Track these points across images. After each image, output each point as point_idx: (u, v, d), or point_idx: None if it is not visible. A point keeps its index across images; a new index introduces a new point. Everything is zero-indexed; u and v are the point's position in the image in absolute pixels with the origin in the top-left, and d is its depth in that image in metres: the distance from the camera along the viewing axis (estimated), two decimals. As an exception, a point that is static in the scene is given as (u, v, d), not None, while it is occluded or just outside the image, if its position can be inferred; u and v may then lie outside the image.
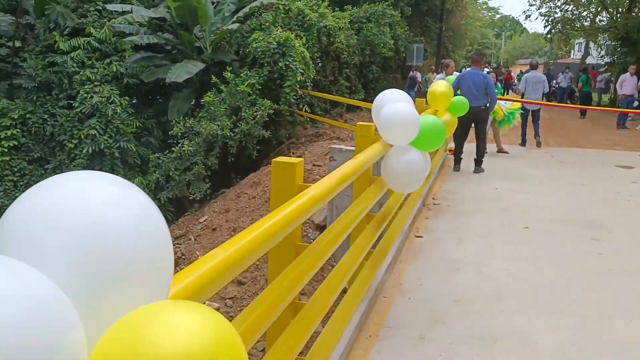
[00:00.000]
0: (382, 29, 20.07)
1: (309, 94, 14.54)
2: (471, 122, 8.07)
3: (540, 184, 7.86)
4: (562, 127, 15.53)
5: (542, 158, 10.12)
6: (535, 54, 66.29)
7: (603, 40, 35.02)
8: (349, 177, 2.65)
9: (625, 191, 7.47)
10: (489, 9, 68.04)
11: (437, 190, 7.32)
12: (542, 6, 31.32)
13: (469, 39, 48.03)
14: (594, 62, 38.55)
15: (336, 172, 2.58)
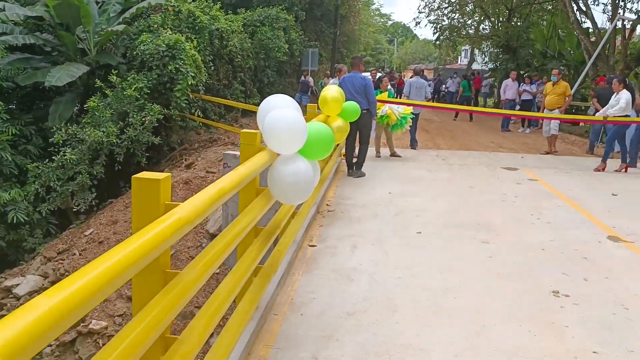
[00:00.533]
0: (277, 32, 19.93)
1: (201, 98, 14.09)
2: (355, 126, 8.03)
3: (432, 187, 7.98)
4: (452, 130, 16.09)
5: (434, 161, 10.35)
6: (425, 60, 68.99)
7: (487, 48, 36.98)
8: (226, 193, 2.41)
9: (511, 193, 7.73)
10: (381, 16, 70.13)
11: (331, 196, 7.21)
12: (430, 14, 32.52)
13: (363, 44, 49.10)
14: (479, 67, 40.66)
15: (210, 189, 2.32)
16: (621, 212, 6.87)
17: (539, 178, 8.91)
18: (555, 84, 12.24)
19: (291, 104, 3.42)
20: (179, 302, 2.06)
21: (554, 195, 7.67)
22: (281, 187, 3.23)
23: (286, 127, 3.12)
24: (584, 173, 9.67)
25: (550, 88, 12.33)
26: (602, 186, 8.52)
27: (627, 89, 9.92)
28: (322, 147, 3.47)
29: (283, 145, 3.19)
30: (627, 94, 9.77)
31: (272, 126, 3.13)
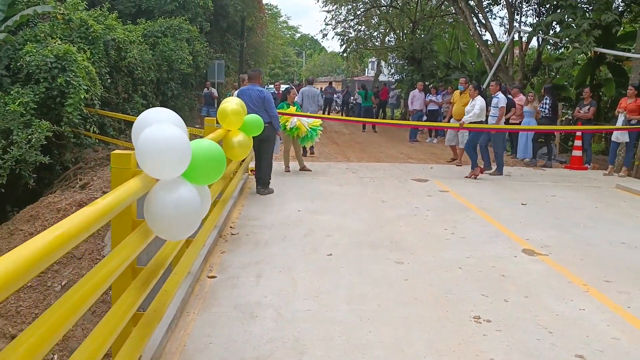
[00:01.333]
0: (180, 44, 19.13)
1: (97, 112, 13.11)
2: (256, 141, 7.55)
3: (343, 202, 7.61)
4: (361, 142, 15.93)
5: (345, 174, 10.03)
6: (333, 72, 69.73)
7: (392, 59, 37.66)
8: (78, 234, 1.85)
9: (423, 206, 7.50)
10: (289, 28, 70.24)
11: (236, 217, 6.66)
12: (337, 26, 32.67)
13: (272, 57, 48.81)
14: (386, 79, 41.36)
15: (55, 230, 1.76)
16: (532, 222, 6.77)
17: (449, 189, 8.78)
18: (463, 93, 11.89)
19: (173, 119, 2.87)
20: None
21: (466, 207, 7.51)
22: (160, 220, 2.67)
23: (163, 146, 2.58)
24: (492, 182, 9.66)
25: (457, 97, 12.16)
26: (511, 195, 8.49)
27: (482, 95, 10.04)
28: (210, 170, 2.94)
29: (161, 169, 2.64)
30: (481, 101, 9.84)
31: (147, 146, 2.58)
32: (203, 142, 2.98)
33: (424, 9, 29.11)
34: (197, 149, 2.85)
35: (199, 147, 2.89)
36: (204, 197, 2.95)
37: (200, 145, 2.91)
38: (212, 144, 3.01)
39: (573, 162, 11.85)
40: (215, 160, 2.94)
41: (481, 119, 9.91)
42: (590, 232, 6.38)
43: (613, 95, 20.80)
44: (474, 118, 9.82)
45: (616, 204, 8.15)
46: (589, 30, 14.62)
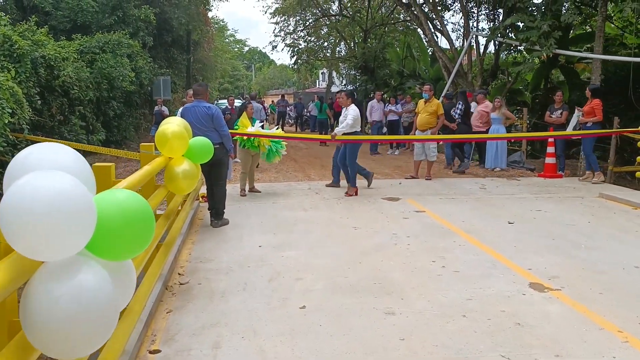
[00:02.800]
0: (121, 60, 17.82)
1: (25, 138, 11.76)
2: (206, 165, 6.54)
3: (310, 232, 6.62)
4: (321, 157, 14.99)
5: (307, 196, 9.05)
6: (284, 85, 68.95)
7: (344, 69, 37.03)
8: None
9: (401, 231, 6.58)
10: (237, 42, 69.06)
11: (185, 259, 5.60)
12: (286, 38, 31.81)
13: (220, 71, 47.57)
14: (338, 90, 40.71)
15: None
16: (527, 246, 5.93)
17: (425, 208, 7.91)
18: (427, 101, 10.79)
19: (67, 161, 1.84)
20: None
21: (449, 231, 6.63)
22: (46, 326, 1.63)
23: (43, 209, 1.56)
24: (468, 197, 8.86)
25: (421, 106, 10.96)
26: (493, 213, 7.68)
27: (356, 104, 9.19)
28: (131, 237, 1.93)
29: (43, 245, 1.61)
30: (354, 110, 8.83)
31: (16, 209, 1.55)
32: (116, 196, 1.95)
33: (375, 17, 28.53)
34: (106, 206, 1.83)
35: (110, 203, 1.86)
36: (122, 280, 1.93)
37: (110, 201, 1.89)
38: (131, 198, 1.98)
39: (547, 170, 11.20)
40: (136, 221, 1.92)
41: (355, 129, 8.87)
42: (595, 255, 5.57)
43: (567, 98, 20.66)
44: (347, 129, 8.76)
45: (608, 216, 7.44)
46: (549, 32, 14.16)
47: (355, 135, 8.97)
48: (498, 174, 11.71)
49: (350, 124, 8.72)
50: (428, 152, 10.91)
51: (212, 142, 6.45)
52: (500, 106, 12.25)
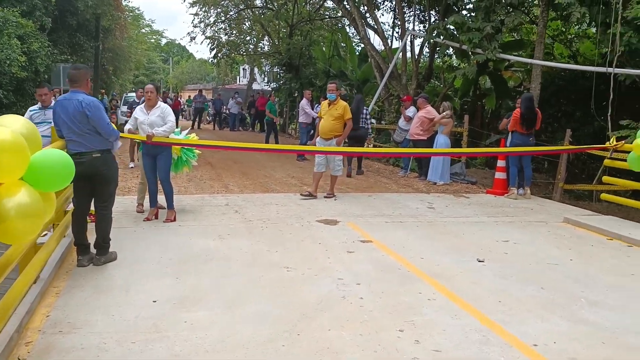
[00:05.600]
0: (9, 41, 15.31)
1: None
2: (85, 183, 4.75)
3: (227, 276, 4.90)
4: (241, 162, 13.21)
5: (225, 216, 7.33)
6: (203, 80, 66.34)
7: (267, 66, 35.27)
8: None
9: (348, 275, 4.99)
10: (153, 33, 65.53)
11: (38, 325, 3.76)
12: (206, 30, 29.63)
13: (135, 63, 44.55)
14: (260, 87, 38.89)
15: None
16: (516, 301, 4.49)
17: (372, 237, 6.39)
18: (333, 103, 8.78)
19: None
20: None
21: (410, 273, 5.12)
22: None
23: None
24: (418, 221, 7.44)
25: (325, 109, 8.92)
26: (454, 244, 6.27)
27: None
28: None
29: None
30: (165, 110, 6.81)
31: None
32: None
33: (301, 12, 26.97)
34: None
35: None
36: None
37: None
38: None
39: (497, 186, 10.01)
40: None
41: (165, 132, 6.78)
42: (608, 317, 4.20)
43: (494, 105, 19.97)
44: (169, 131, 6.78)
45: (589, 252, 6.19)
46: (492, 34, 13.11)
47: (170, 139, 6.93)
48: (442, 188, 10.42)
49: (170, 126, 6.74)
50: (332, 164, 8.92)
51: (93, 149, 4.66)
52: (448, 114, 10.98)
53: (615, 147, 7.95)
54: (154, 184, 6.94)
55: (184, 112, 37.95)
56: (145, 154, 6.86)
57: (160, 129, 6.63)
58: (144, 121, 6.75)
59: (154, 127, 6.65)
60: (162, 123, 6.69)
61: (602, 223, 7.43)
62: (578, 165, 14.58)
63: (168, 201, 6.90)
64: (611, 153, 8.03)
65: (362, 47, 21.02)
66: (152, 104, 6.75)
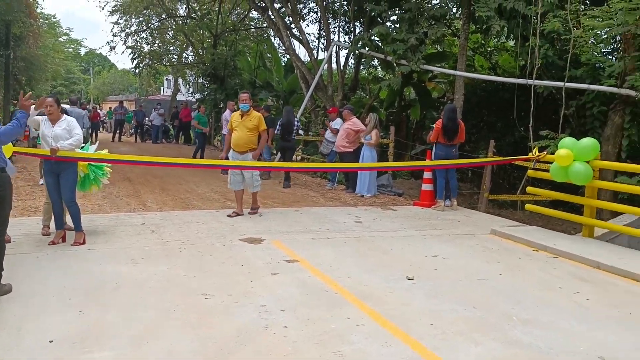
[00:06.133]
0: None
1: None
2: None
3: (138, 306, 4.43)
4: (160, 176, 12.60)
5: (139, 236, 6.81)
6: (126, 90, 64.41)
7: (191, 77, 34.47)
8: None
9: (272, 300, 4.64)
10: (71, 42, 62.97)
11: None
12: (127, 39, 28.57)
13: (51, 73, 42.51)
14: (184, 98, 37.96)
15: None
16: (447, 323, 4.26)
17: (297, 255, 6.07)
18: (246, 114, 8.23)
19: None
20: None
21: (338, 296, 4.83)
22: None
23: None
24: (346, 236, 7.19)
25: (237, 120, 8.26)
26: (382, 261, 6.05)
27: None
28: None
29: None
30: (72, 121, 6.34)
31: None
32: None
33: (226, 21, 26.49)
34: None
35: None
36: None
37: None
38: None
39: (424, 198, 9.94)
40: None
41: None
42: (540, 337, 4.05)
43: (418, 116, 20.23)
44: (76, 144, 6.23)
45: (517, 265, 6.11)
46: (416, 45, 13.18)
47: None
48: (369, 201, 10.26)
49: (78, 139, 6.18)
50: (250, 180, 8.32)
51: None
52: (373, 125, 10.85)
53: (538, 157, 8.01)
54: (58, 205, 6.35)
55: (105, 124, 36.51)
56: (47, 171, 6.28)
57: (66, 143, 6.09)
58: (48, 134, 6.18)
59: (59, 140, 6.10)
60: (68, 136, 6.15)
61: (527, 234, 7.44)
62: (500, 175, 14.86)
63: (75, 223, 6.33)
64: (534, 164, 8.07)
65: (288, 57, 20.81)
66: (54, 118, 6.19)
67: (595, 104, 11.02)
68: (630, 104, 10.16)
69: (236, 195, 8.45)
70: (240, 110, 8.27)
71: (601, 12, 9.36)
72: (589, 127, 11.31)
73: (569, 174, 7.24)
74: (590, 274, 5.80)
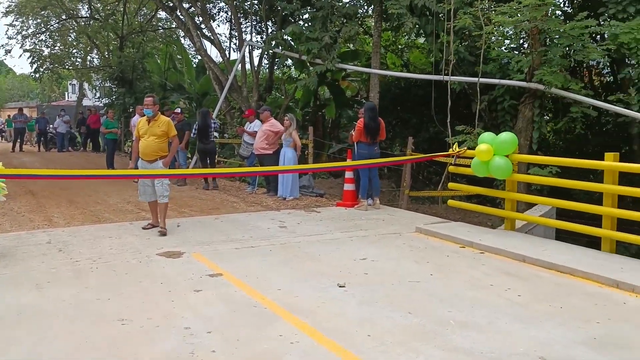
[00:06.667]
0: None
1: None
2: None
3: (42, 340, 3.93)
4: (67, 187, 11.74)
5: (45, 256, 6.20)
6: (26, 97, 60.94)
7: (98, 81, 32.91)
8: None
9: (197, 322, 4.27)
10: (-39, 45, 58.80)
11: None
12: (24, 42, 26.80)
13: (-60, 79, 39.47)
14: (91, 103, 36.22)
15: None
16: (385, 332, 4.07)
17: (221, 269, 5.72)
18: (152, 120, 7.58)
19: None
20: None
21: (267, 311, 4.52)
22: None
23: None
24: (271, 244, 6.89)
25: (144, 127, 7.61)
26: (311, 268, 5.81)
27: None
28: None
29: None
30: None
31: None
32: None
33: (132, 22, 25.40)
34: None
35: None
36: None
37: None
38: None
39: (346, 198, 9.80)
40: None
41: None
42: (477, 340, 3.93)
43: (334, 115, 20.26)
44: None
45: (446, 264, 6.05)
46: (331, 44, 13.07)
47: None
48: (292, 204, 10.01)
49: None
50: (160, 189, 7.50)
51: None
52: (289, 125, 10.60)
53: (458, 153, 8.05)
54: None
55: (4, 134, 34.26)
56: None
57: None
58: None
59: None
60: None
61: (453, 230, 7.44)
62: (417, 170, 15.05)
63: None
64: (455, 159, 8.11)
65: (200, 59, 20.20)
66: None
67: (506, 98, 11.34)
68: (538, 97, 10.49)
69: (150, 207, 7.88)
70: (146, 116, 7.66)
71: (509, 9, 9.56)
72: (500, 120, 11.63)
73: (490, 168, 7.30)
74: (517, 269, 5.82)
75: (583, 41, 9.80)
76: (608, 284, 5.21)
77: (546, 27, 9.61)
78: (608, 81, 14.07)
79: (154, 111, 7.58)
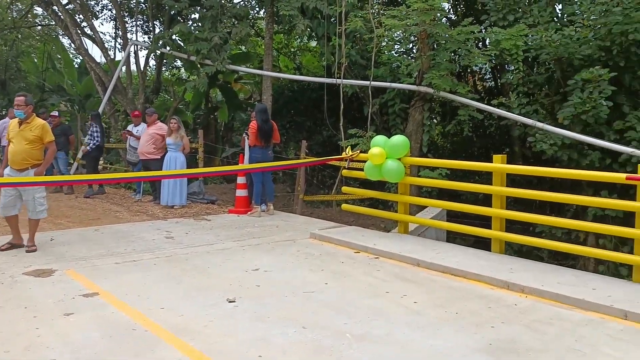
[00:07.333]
0: None
1: None
2: None
3: None
4: None
5: None
6: None
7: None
8: None
9: (63, 352, 3.75)
10: None
11: None
12: None
13: None
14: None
15: None
16: (276, 349, 3.78)
17: (99, 288, 5.17)
18: (25, 122, 6.64)
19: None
20: None
21: (149, 335, 4.06)
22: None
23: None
24: (156, 257, 6.39)
25: (15, 131, 6.67)
26: (199, 282, 5.41)
27: None
28: None
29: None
30: None
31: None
32: None
33: (4, 18, 23.41)
34: None
35: None
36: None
37: None
38: None
39: (239, 204, 9.42)
40: None
41: None
42: (376, 353, 3.75)
43: (227, 118, 19.80)
44: None
45: (342, 271, 5.86)
46: (221, 45, 12.64)
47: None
48: (180, 212, 9.49)
49: None
50: (32, 204, 6.66)
51: None
52: (177, 129, 10.06)
53: (351, 157, 7.94)
54: None
55: None
56: None
57: None
58: None
59: None
60: None
61: (347, 235, 7.29)
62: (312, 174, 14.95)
63: None
64: (348, 163, 7.99)
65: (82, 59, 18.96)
66: None
67: (397, 102, 11.44)
68: (428, 100, 10.66)
69: (9, 223, 6.86)
70: (17, 118, 6.79)
71: (399, 12, 9.63)
72: (391, 124, 11.73)
73: (383, 171, 7.23)
74: (412, 273, 5.74)
75: (468, 47, 10.08)
76: (499, 285, 5.24)
77: (434, 31, 9.78)
78: (490, 86, 14.67)
79: (26, 112, 6.66)
